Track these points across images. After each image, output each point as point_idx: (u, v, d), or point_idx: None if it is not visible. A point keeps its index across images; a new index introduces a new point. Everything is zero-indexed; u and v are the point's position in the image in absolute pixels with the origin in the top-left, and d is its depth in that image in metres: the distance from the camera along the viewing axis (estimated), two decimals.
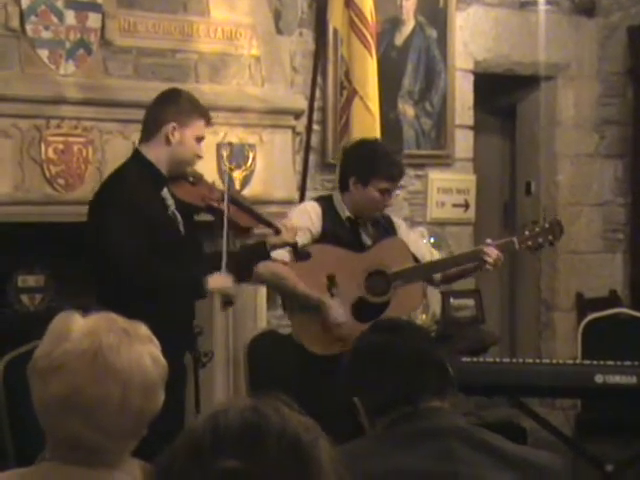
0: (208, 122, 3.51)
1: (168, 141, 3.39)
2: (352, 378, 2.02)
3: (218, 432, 1.06)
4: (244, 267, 3.63)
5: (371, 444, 1.92)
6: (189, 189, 3.48)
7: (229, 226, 3.58)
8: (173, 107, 3.43)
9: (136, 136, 4.16)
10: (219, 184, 3.72)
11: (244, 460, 1.04)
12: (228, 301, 3.42)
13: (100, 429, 1.60)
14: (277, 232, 3.56)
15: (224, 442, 1.06)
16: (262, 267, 3.70)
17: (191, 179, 3.49)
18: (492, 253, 3.79)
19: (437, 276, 3.97)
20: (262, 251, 3.57)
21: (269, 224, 3.58)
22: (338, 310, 3.67)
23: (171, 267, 3.32)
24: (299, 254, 3.61)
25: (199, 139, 3.46)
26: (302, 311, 3.75)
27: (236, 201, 3.56)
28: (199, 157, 3.52)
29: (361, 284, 3.75)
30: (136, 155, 3.47)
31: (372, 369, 1.97)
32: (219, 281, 3.34)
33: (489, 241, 3.91)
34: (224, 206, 3.41)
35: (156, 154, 3.41)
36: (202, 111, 3.48)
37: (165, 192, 3.42)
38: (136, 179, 3.36)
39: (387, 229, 3.92)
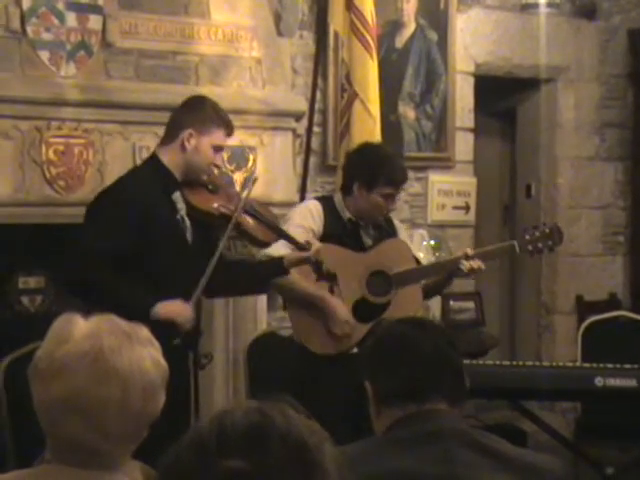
0: (229, 132, 3.47)
1: (184, 147, 3.38)
2: (369, 362, 2.03)
3: (224, 433, 1.07)
4: (261, 282, 3.60)
5: (370, 446, 1.93)
6: (205, 196, 3.45)
7: (247, 239, 3.55)
8: (194, 114, 3.40)
9: (137, 137, 4.19)
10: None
11: (248, 461, 1.04)
12: (175, 334, 3.18)
13: (100, 431, 1.60)
14: (299, 248, 3.45)
15: (229, 443, 1.06)
16: None
17: (210, 187, 3.47)
18: (470, 262, 3.78)
19: None
20: (280, 268, 3.49)
21: (291, 240, 3.50)
22: (342, 307, 3.67)
23: (125, 280, 3.19)
24: (323, 274, 3.45)
25: (217, 148, 3.43)
26: (303, 310, 3.75)
27: (256, 214, 3.50)
28: (216, 166, 3.49)
29: (363, 284, 3.75)
30: (152, 157, 3.47)
31: (391, 356, 1.98)
32: (169, 310, 3.18)
33: (469, 251, 3.91)
34: (238, 217, 3.37)
35: (171, 158, 3.39)
36: (223, 121, 3.44)
37: (177, 196, 3.39)
38: (146, 179, 3.35)
39: (388, 231, 3.93)
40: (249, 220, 3.48)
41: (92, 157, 4.14)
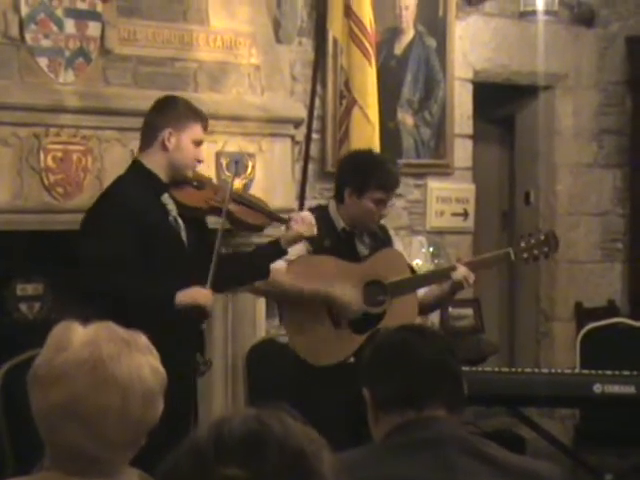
0: (205, 126, 3.49)
1: (165, 147, 3.38)
2: (368, 368, 2.03)
3: (221, 440, 1.07)
4: (261, 266, 3.60)
5: (368, 453, 1.92)
6: (192, 193, 3.47)
7: (240, 226, 3.57)
8: (168, 113, 3.41)
9: (135, 144, 4.16)
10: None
11: (246, 468, 1.04)
12: (200, 315, 3.30)
13: (99, 439, 1.60)
14: (288, 227, 3.51)
15: (226, 450, 1.06)
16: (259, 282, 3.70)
17: (195, 183, 3.48)
18: (461, 270, 3.78)
19: None
20: (277, 249, 3.51)
21: (280, 219, 3.56)
22: (346, 295, 3.68)
23: (139, 281, 3.24)
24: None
25: (197, 143, 3.44)
26: (300, 321, 3.75)
27: (243, 200, 3.53)
28: (199, 161, 3.50)
29: (358, 294, 3.75)
30: (134, 164, 3.47)
31: (390, 363, 1.98)
32: (190, 295, 3.24)
33: (463, 259, 3.91)
34: (227, 206, 3.39)
35: (155, 161, 3.40)
36: (198, 115, 3.45)
37: (166, 197, 3.40)
38: (133, 187, 3.35)
39: (384, 240, 3.92)
40: (239, 208, 3.49)
41: (90, 164, 4.14)
